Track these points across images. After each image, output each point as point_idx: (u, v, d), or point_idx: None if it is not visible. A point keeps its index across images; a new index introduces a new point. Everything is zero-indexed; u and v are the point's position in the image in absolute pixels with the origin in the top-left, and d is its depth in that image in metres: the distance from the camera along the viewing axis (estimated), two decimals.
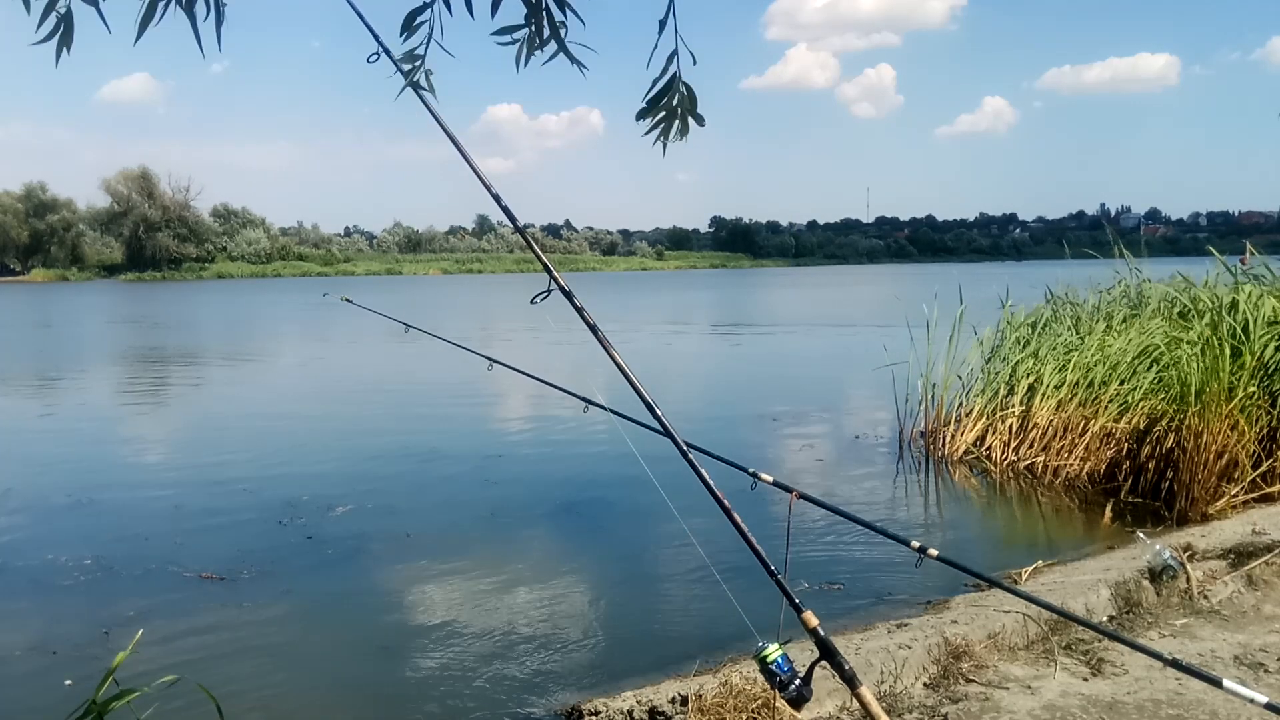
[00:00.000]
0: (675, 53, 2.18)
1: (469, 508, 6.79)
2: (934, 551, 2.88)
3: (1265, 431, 6.47)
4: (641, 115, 2.27)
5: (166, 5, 2.03)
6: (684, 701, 3.23)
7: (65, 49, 2.08)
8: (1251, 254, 8.72)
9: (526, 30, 2.20)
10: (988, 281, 9.27)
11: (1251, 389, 6.23)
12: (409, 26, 2.18)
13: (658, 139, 2.28)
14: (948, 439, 8.15)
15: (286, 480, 7.57)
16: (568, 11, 2.18)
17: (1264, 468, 6.36)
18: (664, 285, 59.71)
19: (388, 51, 2.29)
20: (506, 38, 2.21)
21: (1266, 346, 6.61)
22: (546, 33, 2.19)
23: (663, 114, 2.26)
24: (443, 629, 4.56)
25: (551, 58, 2.24)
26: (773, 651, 2.43)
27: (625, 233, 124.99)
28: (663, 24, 2.14)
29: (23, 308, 40.09)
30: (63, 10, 2.03)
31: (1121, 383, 7.21)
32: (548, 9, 2.17)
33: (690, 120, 2.31)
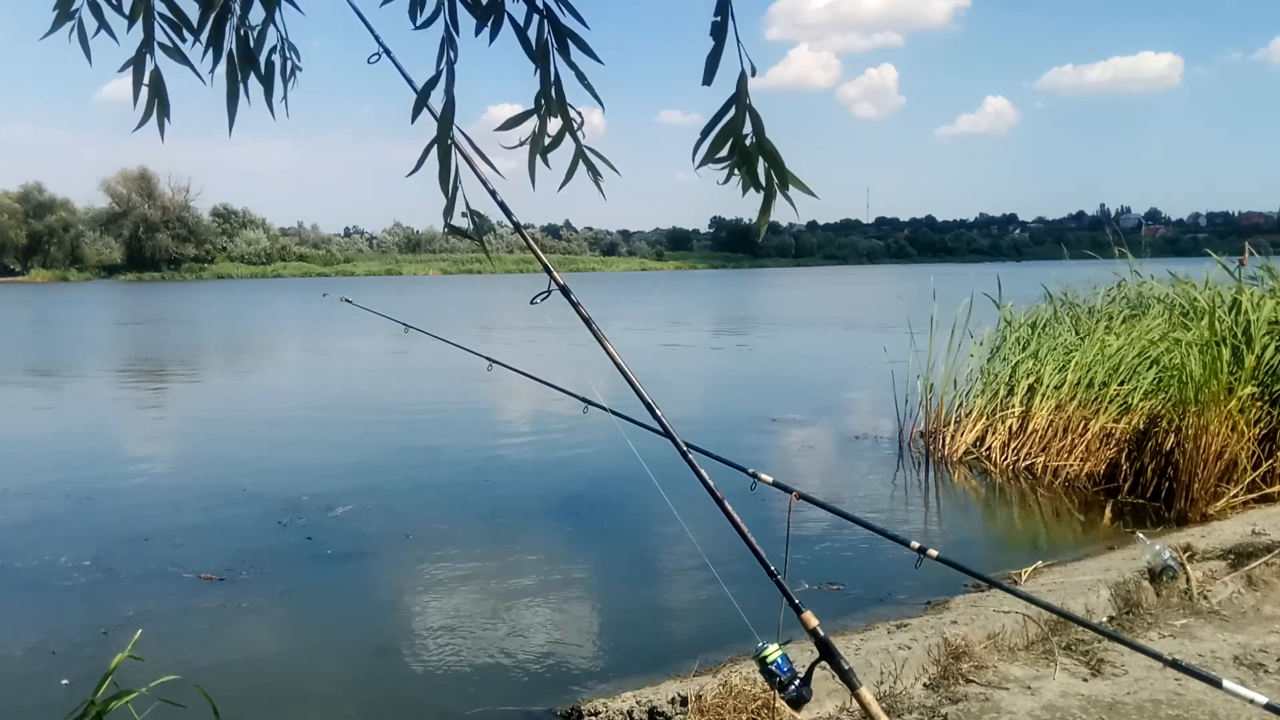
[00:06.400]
0: (743, 73, 1.66)
1: (469, 508, 6.79)
2: (934, 552, 2.88)
3: (1265, 432, 6.47)
4: (708, 157, 1.73)
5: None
6: (684, 702, 3.23)
7: (166, 119, 1.93)
8: (1251, 254, 8.72)
9: (535, 118, 1.79)
10: (986, 282, 9.25)
11: (1252, 390, 6.23)
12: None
13: (728, 178, 1.76)
14: (948, 439, 8.15)
15: (286, 480, 7.56)
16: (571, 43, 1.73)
17: (1264, 468, 6.36)
18: (664, 286, 59.68)
19: (388, 52, 2.29)
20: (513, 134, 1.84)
21: (1267, 347, 6.61)
22: (560, 124, 1.79)
23: (729, 153, 1.72)
24: (442, 629, 4.56)
25: (569, 175, 1.87)
26: (773, 652, 2.44)
27: (625, 233, 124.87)
28: (720, 29, 1.64)
29: (21, 307, 40.06)
30: (151, 68, 1.87)
31: (1121, 383, 7.21)
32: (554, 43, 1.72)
33: (772, 175, 1.73)
